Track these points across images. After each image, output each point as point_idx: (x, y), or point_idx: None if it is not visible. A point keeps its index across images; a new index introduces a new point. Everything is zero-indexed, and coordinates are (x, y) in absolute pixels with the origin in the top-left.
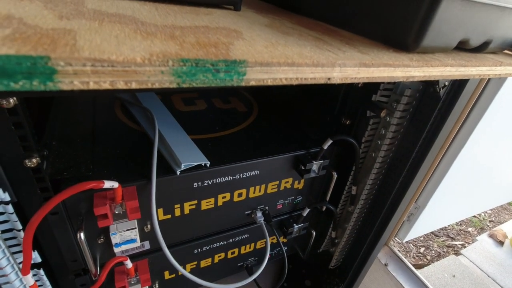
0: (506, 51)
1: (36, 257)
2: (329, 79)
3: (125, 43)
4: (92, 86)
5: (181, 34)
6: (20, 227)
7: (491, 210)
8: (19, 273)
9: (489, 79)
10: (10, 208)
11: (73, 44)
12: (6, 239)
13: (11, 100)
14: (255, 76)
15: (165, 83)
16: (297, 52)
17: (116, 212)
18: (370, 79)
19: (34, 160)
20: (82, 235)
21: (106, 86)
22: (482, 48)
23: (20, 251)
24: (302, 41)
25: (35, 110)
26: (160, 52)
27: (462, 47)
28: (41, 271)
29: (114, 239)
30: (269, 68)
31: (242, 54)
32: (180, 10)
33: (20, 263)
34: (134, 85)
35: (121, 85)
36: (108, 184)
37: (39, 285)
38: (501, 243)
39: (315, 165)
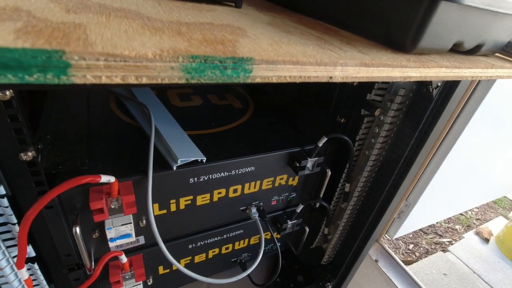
0: (497, 54)
1: (30, 251)
2: (330, 77)
3: (135, 38)
4: (104, 80)
5: (188, 30)
6: (15, 220)
7: (477, 208)
8: (14, 266)
9: (478, 82)
10: (5, 201)
11: (85, 38)
12: (0, 233)
13: (7, 93)
14: (261, 74)
15: (175, 79)
16: (301, 51)
17: (112, 207)
18: (369, 78)
19: (30, 154)
20: (77, 229)
21: (117, 80)
22: (475, 50)
23: (14, 245)
24: (305, 40)
25: (28, 103)
26: (170, 48)
27: (456, 49)
28: (35, 265)
29: (110, 233)
30: (274, 66)
31: (249, 52)
32: (183, 6)
33: (14, 257)
34: (144, 80)
35: (132, 80)
36: (104, 178)
37: (33, 279)
38: (486, 240)
39: (309, 162)
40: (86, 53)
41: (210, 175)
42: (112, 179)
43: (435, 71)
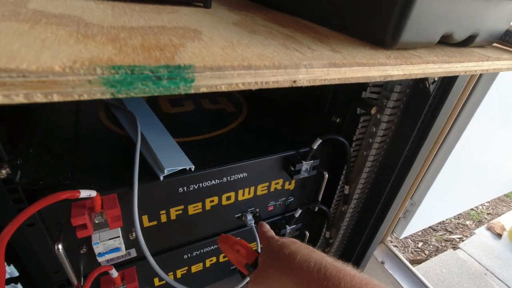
0: (495, 44)
1: (12, 271)
2: (294, 81)
3: (49, 48)
4: (1, 100)
5: (127, 35)
6: None
7: (488, 202)
8: None
9: (481, 74)
10: None
11: None
12: None
13: None
14: (206, 83)
15: (96, 94)
16: (258, 53)
17: (97, 222)
18: (342, 80)
19: (4, 171)
20: (60, 246)
21: (20, 99)
22: (468, 42)
23: None
24: (269, 40)
25: (11, 116)
26: (87, 58)
27: (447, 41)
28: (19, 286)
29: (97, 248)
30: (221, 73)
31: (190, 58)
32: (141, 9)
33: None
34: (56, 98)
35: (39, 98)
36: (84, 193)
37: None
38: (499, 235)
39: (305, 166)
40: None
41: (200, 184)
42: (93, 193)
43: (420, 67)
